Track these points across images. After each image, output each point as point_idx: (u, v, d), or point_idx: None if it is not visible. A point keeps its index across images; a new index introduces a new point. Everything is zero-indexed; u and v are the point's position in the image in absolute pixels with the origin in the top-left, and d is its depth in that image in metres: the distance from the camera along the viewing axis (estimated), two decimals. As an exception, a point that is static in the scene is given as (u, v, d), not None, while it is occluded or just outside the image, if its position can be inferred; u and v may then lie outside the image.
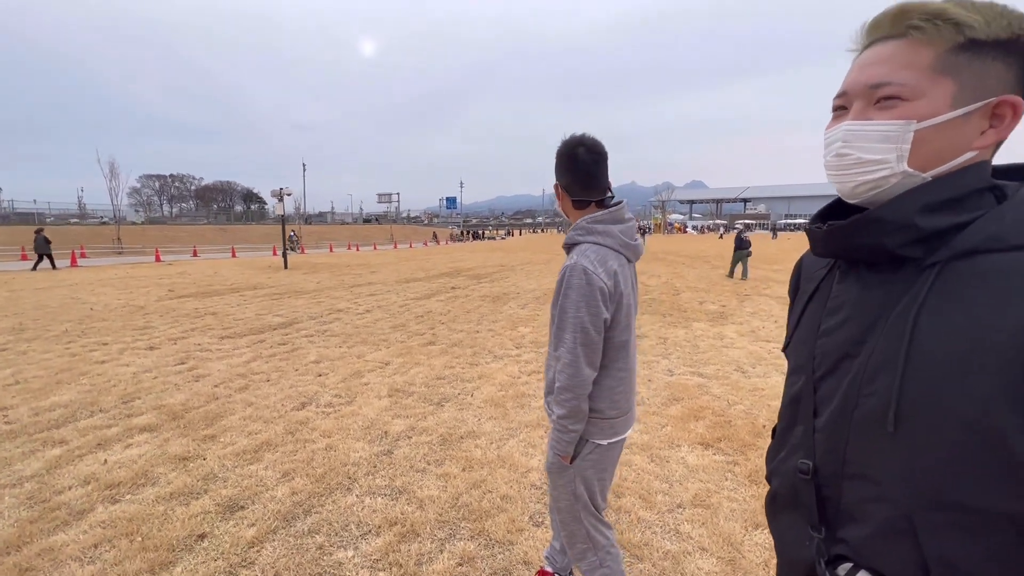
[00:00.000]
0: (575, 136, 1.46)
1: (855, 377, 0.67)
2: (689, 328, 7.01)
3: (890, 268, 0.67)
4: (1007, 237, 0.58)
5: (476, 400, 4.16)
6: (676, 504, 2.62)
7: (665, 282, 12.46)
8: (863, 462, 0.66)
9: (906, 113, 0.62)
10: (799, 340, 0.79)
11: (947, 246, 0.61)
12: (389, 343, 6.19)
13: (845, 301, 0.72)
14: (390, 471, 2.97)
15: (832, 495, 0.70)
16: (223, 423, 3.67)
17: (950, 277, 0.60)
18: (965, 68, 0.60)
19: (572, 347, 1.36)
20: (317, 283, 12.78)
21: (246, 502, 2.64)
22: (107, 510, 2.56)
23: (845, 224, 0.68)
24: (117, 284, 12.65)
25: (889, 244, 0.64)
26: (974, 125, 0.61)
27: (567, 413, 1.41)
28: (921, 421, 0.59)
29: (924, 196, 0.63)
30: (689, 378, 4.73)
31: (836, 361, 0.71)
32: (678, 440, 3.37)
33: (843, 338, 0.70)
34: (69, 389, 4.43)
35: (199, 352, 5.74)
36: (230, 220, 65.15)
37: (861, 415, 0.66)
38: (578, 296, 1.35)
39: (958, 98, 0.60)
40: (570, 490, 1.53)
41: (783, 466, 0.78)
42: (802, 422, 0.75)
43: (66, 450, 3.23)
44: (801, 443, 0.74)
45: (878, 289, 0.67)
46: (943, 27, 0.59)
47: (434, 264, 19.19)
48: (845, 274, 0.74)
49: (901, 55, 0.62)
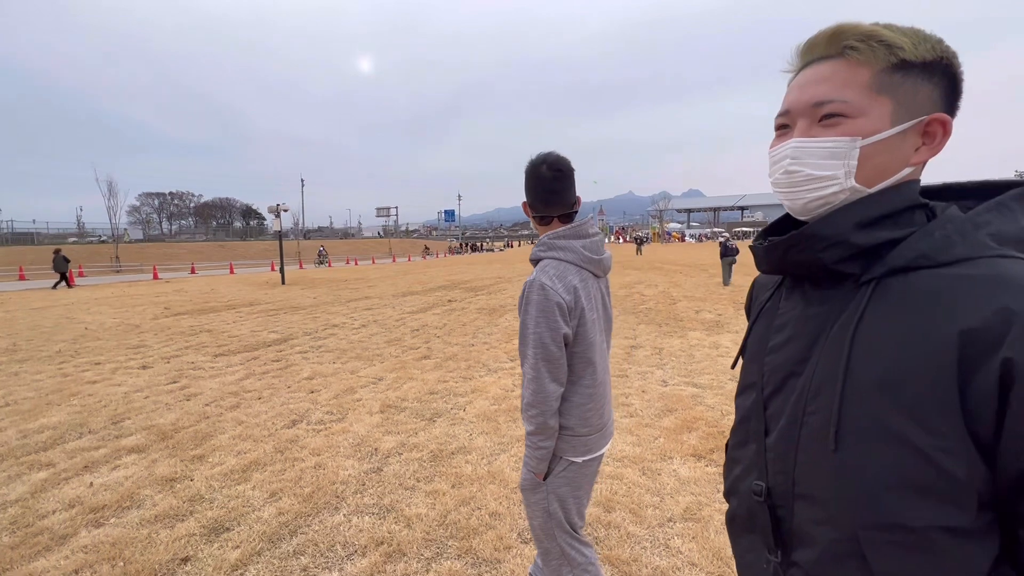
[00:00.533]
0: (540, 155, 1.48)
1: (800, 395, 0.67)
2: (685, 337, 6.99)
3: (830, 284, 0.67)
4: (935, 255, 0.59)
5: (468, 415, 4.13)
6: (667, 518, 2.59)
7: (662, 291, 12.46)
8: (811, 482, 0.65)
9: (850, 130, 0.63)
10: (749, 358, 0.79)
11: (882, 262, 0.62)
12: (383, 358, 6.16)
13: (790, 318, 0.72)
14: (379, 489, 2.94)
15: (785, 516, 0.69)
16: (212, 443, 3.64)
17: (885, 293, 0.61)
18: (899, 87, 0.62)
19: (534, 363, 1.36)
20: (314, 298, 12.78)
21: (232, 523, 2.61)
22: (90, 534, 2.52)
23: (782, 240, 0.69)
24: (113, 303, 12.64)
25: (826, 260, 0.65)
26: (910, 142, 0.63)
27: (535, 429, 1.40)
28: (860, 440, 0.59)
29: (859, 212, 0.64)
30: (683, 388, 4.71)
31: (783, 379, 0.71)
32: (670, 452, 3.34)
33: (788, 356, 0.70)
34: (59, 410, 4.40)
35: (192, 370, 5.71)
36: (229, 236, 65.30)
37: (806, 434, 0.65)
38: (537, 312, 1.35)
39: (895, 116, 0.62)
40: (543, 508, 1.51)
41: (739, 485, 0.77)
42: (754, 440, 0.74)
43: (52, 473, 3.19)
44: (754, 462, 0.74)
45: (820, 306, 0.68)
46: (877, 48, 0.61)
47: (431, 277, 19.21)
48: (791, 291, 0.74)
49: (841, 74, 0.64)
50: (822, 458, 0.63)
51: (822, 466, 0.63)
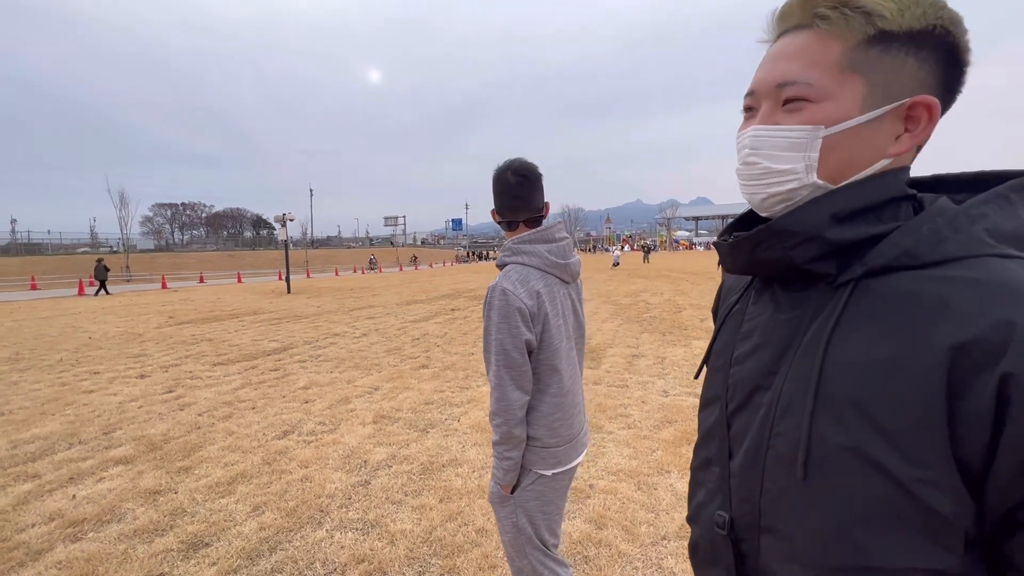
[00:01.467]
0: (506, 161, 1.45)
1: (767, 412, 0.58)
2: (688, 346, 6.86)
3: (802, 286, 0.59)
4: (922, 253, 0.50)
5: (462, 426, 4.04)
6: (661, 536, 2.48)
7: (667, 299, 12.32)
8: (777, 514, 0.56)
9: (812, 117, 0.54)
10: (713, 368, 0.71)
11: (861, 262, 0.53)
12: (381, 367, 6.10)
13: (757, 324, 0.63)
14: (365, 503, 2.85)
15: (750, 551, 0.60)
16: (200, 454, 3.57)
17: (863, 298, 0.52)
18: (876, 64, 0.52)
19: (496, 370, 1.32)
20: (318, 307, 12.78)
21: (211, 539, 2.53)
22: (66, 549, 2.46)
23: (748, 236, 0.60)
24: (119, 312, 12.73)
25: (796, 258, 0.56)
26: (887, 129, 0.54)
27: (500, 439, 1.35)
28: (832, 467, 0.50)
29: (835, 204, 0.54)
30: (685, 399, 4.58)
31: (748, 393, 0.62)
32: (668, 466, 3.23)
33: (754, 367, 0.62)
34: (52, 420, 4.37)
35: (188, 380, 5.68)
36: (239, 246, 65.99)
37: (773, 458, 0.56)
38: (499, 317, 1.30)
39: (868, 99, 0.53)
40: (511, 522, 1.44)
41: (702, 513, 0.68)
42: (716, 463, 0.66)
43: (37, 485, 3.14)
44: (717, 488, 0.65)
45: (791, 311, 0.59)
46: (852, 17, 0.52)
47: (436, 286, 19.19)
48: (760, 293, 0.65)
49: (809, 50, 0.55)
50: (790, 487, 0.54)
51: (790, 496, 0.54)
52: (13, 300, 17.30)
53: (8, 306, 14.91)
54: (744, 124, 0.62)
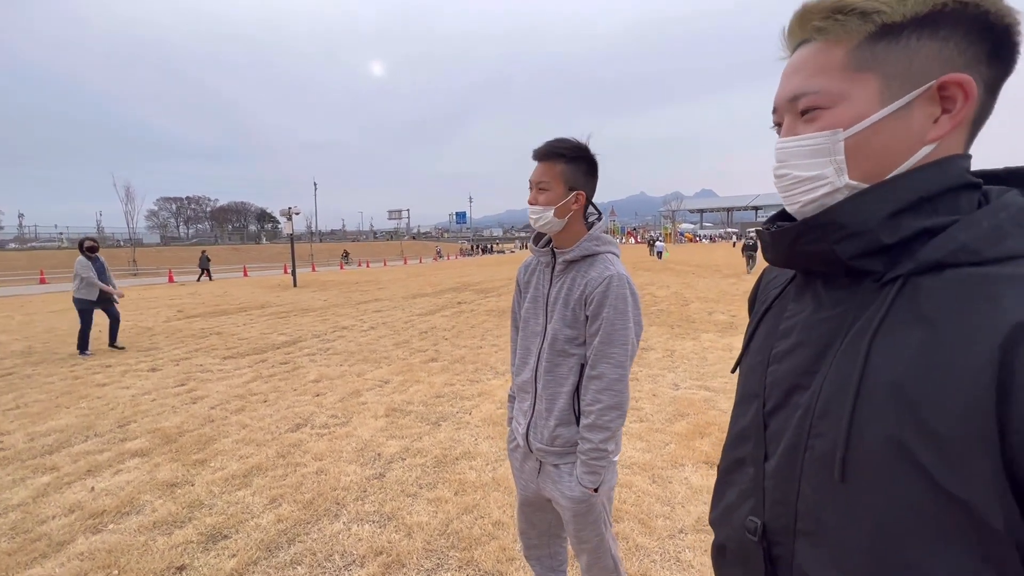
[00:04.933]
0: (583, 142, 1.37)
1: (805, 413, 0.56)
2: (697, 340, 6.84)
3: (847, 283, 0.57)
4: (982, 249, 0.47)
5: (474, 419, 4.05)
6: (678, 529, 2.48)
7: (674, 292, 12.28)
8: (815, 518, 0.55)
9: (829, 123, 0.54)
10: (749, 365, 0.69)
11: (911, 257, 0.51)
12: (391, 360, 6.11)
13: (798, 322, 0.62)
14: (380, 496, 2.87)
15: (784, 555, 0.59)
16: (215, 446, 3.60)
17: (913, 295, 0.50)
18: (886, 57, 0.51)
19: (621, 362, 1.29)
20: (324, 301, 12.81)
21: (230, 531, 2.55)
22: (87, 541, 2.49)
23: (793, 226, 0.58)
24: (128, 306, 12.80)
25: (841, 253, 0.54)
26: (921, 115, 0.51)
27: (611, 436, 1.32)
28: (873, 471, 0.49)
29: (885, 196, 0.52)
30: (696, 392, 4.58)
31: (786, 393, 0.60)
32: (682, 459, 3.23)
33: (793, 366, 0.60)
34: (67, 413, 4.41)
35: (200, 373, 5.71)
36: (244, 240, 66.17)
37: (811, 460, 0.55)
38: (632, 308, 1.30)
39: (886, 93, 0.51)
40: (601, 521, 1.41)
41: (731, 516, 0.67)
42: (751, 463, 0.64)
43: (55, 477, 3.18)
44: (750, 490, 0.64)
45: (833, 308, 0.57)
46: (847, 20, 0.51)
47: (441, 279, 19.20)
48: (802, 290, 0.64)
49: (813, 60, 0.55)
50: (827, 490, 0.53)
51: (827, 499, 0.53)
52: (24, 294, 17.43)
53: (19, 300, 15.04)
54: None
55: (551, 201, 1.34)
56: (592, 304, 1.31)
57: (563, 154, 1.33)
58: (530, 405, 1.45)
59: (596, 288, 1.30)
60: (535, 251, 1.50)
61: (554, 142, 1.34)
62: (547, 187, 1.34)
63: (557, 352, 1.37)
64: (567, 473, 1.39)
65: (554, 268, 1.43)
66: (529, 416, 1.46)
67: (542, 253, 1.46)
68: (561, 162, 1.33)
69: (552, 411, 1.39)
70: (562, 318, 1.36)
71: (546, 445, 1.41)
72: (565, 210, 1.35)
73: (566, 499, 1.39)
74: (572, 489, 1.37)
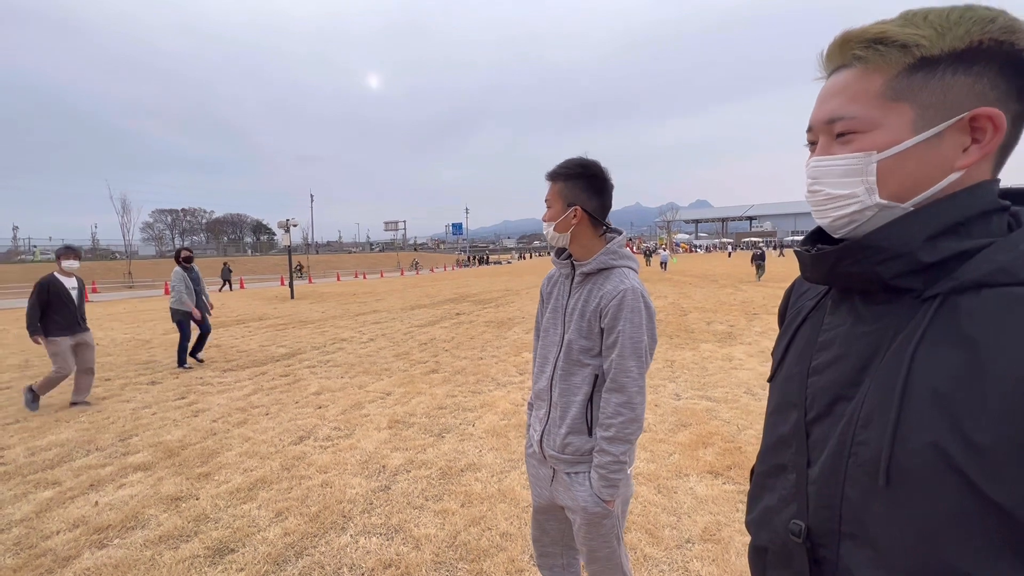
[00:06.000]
0: (591, 159, 1.44)
1: (849, 422, 0.60)
2: (697, 350, 6.88)
3: (886, 299, 0.60)
4: (1018, 270, 0.51)
5: (478, 430, 4.06)
6: (684, 539, 2.49)
7: (672, 303, 12.34)
8: (859, 521, 0.58)
9: (863, 145, 0.58)
10: (787, 375, 0.72)
11: (949, 276, 0.55)
12: (391, 372, 6.11)
13: (837, 335, 0.65)
14: (387, 508, 2.87)
15: (828, 557, 0.62)
16: (219, 460, 3.59)
17: (952, 312, 0.53)
18: (921, 89, 0.55)
19: (638, 376, 1.33)
20: (322, 312, 12.79)
21: (237, 545, 2.54)
22: (93, 556, 2.47)
23: (835, 250, 0.62)
24: (125, 318, 12.74)
25: (883, 273, 0.58)
26: (951, 144, 0.55)
27: (631, 447, 1.35)
28: (917, 476, 0.52)
29: (924, 221, 0.56)
30: (697, 402, 4.60)
31: (829, 403, 0.64)
32: (686, 469, 3.24)
33: (835, 377, 0.63)
34: (67, 427, 4.38)
35: (200, 386, 5.69)
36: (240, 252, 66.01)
37: (855, 466, 0.58)
38: (646, 320, 1.34)
39: (919, 122, 0.55)
40: (615, 534, 1.44)
41: (773, 518, 0.70)
42: (793, 469, 0.67)
43: (58, 491, 3.16)
44: (793, 494, 0.67)
45: (873, 323, 0.61)
46: (887, 51, 0.55)
47: (439, 290, 19.20)
48: (838, 304, 0.67)
49: (852, 86, 0.59)
50: (872, 494, 0.56)
51: (872, 503, 0.56)
52: (19, 307, 17.29)
53: (14, 313, 14.91)
54: (809, 157, 0.67)
55: (552, 217, 1.44)
56: (607, 316, 1.34)
57: (560, 173, 1.43)
58: (545, 412, 1.49)
59: (611, 301, 1.34)
60: (556, 263, 1.56)
61: (560, 163, 1.45)
62: (550, 204, 1.45)
63: (572, 362, 1.41)
64: (579, 483, 1.41)
65: (573, 279, 1.49)
66: (544, 423, 1.49)
67: (563, 265, 1.52)
68: (560, 180, 1.43)
69: (565, 419, 1.42)
70: (578, 329, 1.40)
71: (557, 452, 1.44)
72: (565, 225, 1.42)
73: (580, 508, 1.41)
74: (586, 499, 1.39)
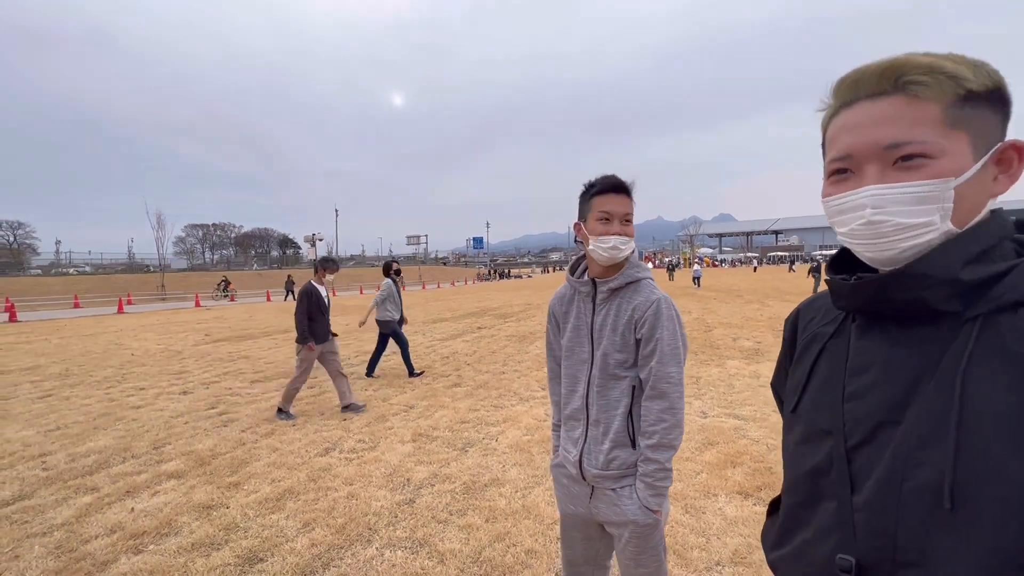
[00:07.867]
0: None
1: (901, 446, 0.59)
2: (723, 366, 6.75)
3: (923, 323, 0.61)
4: None
5: (501, 445, 4.05)
6: (715, 561, 2.43)
7: (696, 318, 12.15)
8: (920, 547, 0.56)
9: (936, 171, 0.58)
10: (815, 402, 0.71)
11: (986, 298, 0.57)
12: (414, 385, 6.16)
13: (873, 360, 0.64)
14: (411, 521, 2.88)
15: None
16: (248, 469, 3.66)
17: (995, 330, 0.55)
18: (971, 119, 0.58)
19: (679, 381, 1.35)
20: (346, 325, 12.99)
21: (265, 554, 2.58)
22: (130, 561, 2.54)
23: (881, 278, 0.62)
24: (158, 329, 13.18)
25: (931, 299, 0.59)
26: (989, 174, 0.60)
27: (674, 453, 1.36)
28: (985, 495, 0.51)
29: (964, 248, 0.59)
30: (724, 420, 4.51)
31: (873, 428, 0.62)
32: (715, 489, 3.17)
33: (878, 402, 0.63)
34: (105, 435, 4.54)
35: (229, 396, 5.83)
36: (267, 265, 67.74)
37: (911, 490, 0.57)
38: (680, 328, 1.37)
39: (975, 150, 0.58)
40: (663, 546, 1.43)
41: (812, 551, 0.67)
42: (833, 498, 0.65)
43: (96, 497, 3.27)
44: (835, 524, 0.64)
45: (912, 346, 0.61)
46: (943, 81, 0.58)
47: (461, 304, 19.33)
48: (866, 329, 0.67)
49: (908, 113, 0.59)
50: (935, 517, 0.55)
51: (935, 527, 0.55)
52: (59, 318, 18.06)
53: (55, 323, 15.59)
54: (834, 187, 0.65)
55: (632, 233, 1.41)
56: (644, 327, 1.35)
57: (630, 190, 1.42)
58: (582, 432, 1.46)
59: (647, 311, 1.35)
60: (572, 282, 1.51)
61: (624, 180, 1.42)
62: (631, 219, 1.41)
63: (609, 376, 1.39)
64: (626, 495, 1.39)
65: (595, 297, 1.46)
66: (581, 444, 1.45)
67: (581, 284, 1.47)
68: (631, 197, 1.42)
69: (608, 434, 1.39)
70: (611, 343, 1.39)
71: (602, 470, 1.40)
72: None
73: (628, 522, 1.38)
74: (635, 512, 1.37)
